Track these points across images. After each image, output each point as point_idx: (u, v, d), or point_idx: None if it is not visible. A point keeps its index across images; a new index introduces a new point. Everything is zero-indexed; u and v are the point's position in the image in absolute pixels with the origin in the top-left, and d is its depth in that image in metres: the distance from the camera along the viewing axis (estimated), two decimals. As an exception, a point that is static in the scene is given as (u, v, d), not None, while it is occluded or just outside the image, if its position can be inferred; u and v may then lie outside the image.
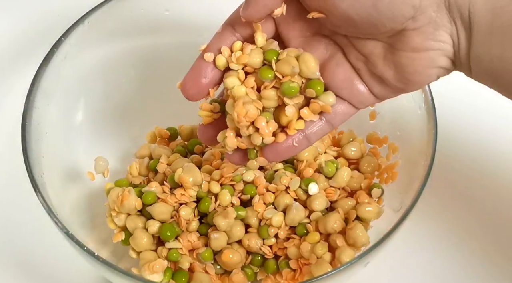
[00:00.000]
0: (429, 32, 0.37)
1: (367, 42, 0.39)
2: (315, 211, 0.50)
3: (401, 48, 0.37)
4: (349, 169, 0.51)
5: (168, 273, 0.47)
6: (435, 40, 0.37)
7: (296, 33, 0.41)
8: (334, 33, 0.40)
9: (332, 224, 0.48)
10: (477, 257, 0.55)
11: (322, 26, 0.40)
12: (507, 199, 0.58)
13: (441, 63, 0.38)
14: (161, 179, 0.52)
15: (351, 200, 0.51)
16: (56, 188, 0.48)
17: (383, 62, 0.39)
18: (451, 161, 0.59)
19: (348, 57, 0.40)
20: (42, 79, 0.49)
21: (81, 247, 0.42)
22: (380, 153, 0.53)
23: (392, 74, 0.39)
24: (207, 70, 0.41)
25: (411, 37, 0.37)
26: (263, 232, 0.49)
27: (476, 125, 0.62)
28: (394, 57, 0.38)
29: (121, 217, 0.50)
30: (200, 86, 0.41)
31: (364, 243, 0.47)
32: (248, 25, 0.40)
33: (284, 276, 0.49)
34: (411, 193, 0.45)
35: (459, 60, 0.38)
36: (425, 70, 0.38)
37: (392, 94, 0.41)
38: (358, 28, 0.37)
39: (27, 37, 0.69)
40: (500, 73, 0.36)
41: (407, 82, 0.39)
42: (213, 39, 0.41)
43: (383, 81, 0.39)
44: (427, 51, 0.37)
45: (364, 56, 0.39)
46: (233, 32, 0.41)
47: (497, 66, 0.36)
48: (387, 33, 0.37)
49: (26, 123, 0.46)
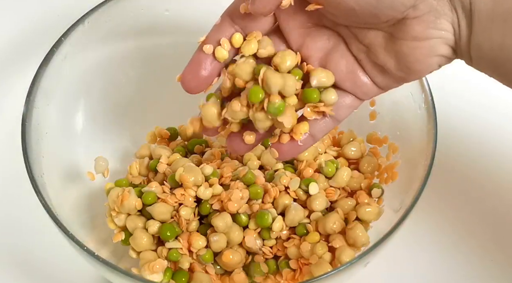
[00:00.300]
0: (430, 21, 0.36)
1: (368, 32, 0.39)
2: (315, 211, 0.50)
3: (402, 37, 0.37)
4: (349, 169, 0.51)
5: (168, 273, 0.47)
6: (436, 28, 0.37)
7: (296, 24, 0.40)
8: (335, 23, 0.40)
9: (331, 225, 0.48)
10: (477, 257, 0.55)
11: (323, 17, 0.40)
12: (508, 199, 0.58)
13: (442, 52, 0.38)
14: (161, 179, 0.52)
15: (351, 200, 0.50)
16: (56, 188, 0.48)
17: (384, 52, 0.39)
18: (451, 161, 0.59)
19: (350, 48, 0.40)
20: (42, 79, 0.49)
21: (81, 247, 0.42)
22: (380, 153, 0.53)
23: (394, 63, 0.39)
24: (206, 62, 0.41)
25: (411, 25, 0.37)
26: (264, 234, 0.49)
27: (476, 124, 0.62)
28: (395, 46, 0.38)
29: (121, 217, 0.50)
30: (200, 78, 0.41)
31: (364, 243, 0.47)
32: (247, 16, 0.40)
33: (284, 276, 0.49)
34: (411, 192, 0.45)
35: (460, 48, 0.37)
36: (426, 59, 0.38)
37: (395, 84, 0.41)
38: (358, 17, 0.37)
39: (27, 37, 0.69)
40: (500, 62, 0.36)
41: (408, 71, 0.39)
42: (212, 31, 0.41)
43: (385, 71, 0.39)
44: (428, 39, 0.37)
45: (365, 46, 0.39)
46: (232, 23, 0.40)
47: (497, 54, 0.36)
48: (388, 22, 0.37)
49: (26, 124, 0.46)
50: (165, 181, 0.51)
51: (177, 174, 0.49)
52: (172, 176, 0.50)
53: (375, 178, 0.53)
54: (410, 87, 0.48)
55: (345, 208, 0.50)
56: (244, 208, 0.49)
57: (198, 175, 0.49)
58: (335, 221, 0.48)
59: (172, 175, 0.50)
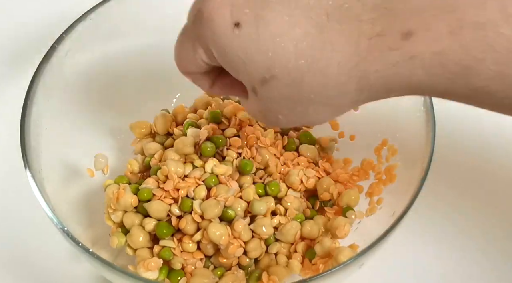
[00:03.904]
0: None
1: None
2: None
3: None
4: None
5: (163, 271, 0.47)
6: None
7: None
8: None
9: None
10: (478, 257, 0.55)
11: None
12: (507, 199, 0.58)
13: None
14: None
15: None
16: (54, 184, 0.48)
17: None
18: (450, 164, 0.59)
19: None
20: (43, 75, 0.49)
21: (76, 243, 0.42)
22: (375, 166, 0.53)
23: None
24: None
25: None
26: None
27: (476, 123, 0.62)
28: None
29: (118, 214, 0.50)
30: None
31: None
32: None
33: None
34: (408, 194, 0.45)
35: None
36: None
37: None
38: None
39: (29, 33, 0.69)
40: None
41: None
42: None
43: None
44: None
45: None
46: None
47: None
48: None
49: (25, 119, 0.46)
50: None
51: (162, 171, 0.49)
52: (155, 168, 0.50)
53: (374, 179, 0.53)
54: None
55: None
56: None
57: (180, 166, 0.49)
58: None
59: (155, 168, 0.51)
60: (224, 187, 0.49)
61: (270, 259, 0.49)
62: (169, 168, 0.48)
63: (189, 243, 0.48)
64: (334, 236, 0.49)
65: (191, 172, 0.50)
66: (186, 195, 0.48)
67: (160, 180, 0.49)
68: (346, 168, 0.55)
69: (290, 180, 0.51)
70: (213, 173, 0.50)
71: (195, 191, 0.48)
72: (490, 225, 0.57)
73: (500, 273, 0.54)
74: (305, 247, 0.50)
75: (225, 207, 0.48)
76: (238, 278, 0.48)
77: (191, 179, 0.49)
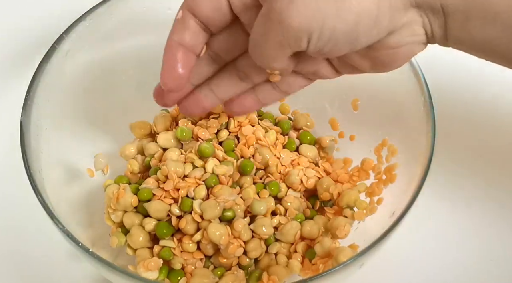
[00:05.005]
0: (404, 33, 0.38)
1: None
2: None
3: (378, 48, 0.39)
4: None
5: (163, 271, 0.47)
6: (410, 36, 0.39)
7: None
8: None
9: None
10: (478, 256, 0.55)
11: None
12: (507, 199, 0.58)
13: (417, 51, 0.40)
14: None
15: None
16: (54, 184, 0.48)
17: (360, 58, 0.41)
18: (450, 164, 0.59)
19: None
20: (43, 75, 0.49)
21: (76, 243, 0.42)
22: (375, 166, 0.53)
23: (368, 65, 0.41)
24: (178, 61, 0.42)
25: (387, 39, 0.39)
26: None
27: (476, 123, 0.62)
28: (371, 54, 0.40)
29: (118, 213, 0.50)
30: (178, 76, 0.43)
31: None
32: (205, 6, 0.41)
33: None
34: (408, 194, 0.45)
35: (435, 41, 0.40)
36: (402, 59, 0.40)
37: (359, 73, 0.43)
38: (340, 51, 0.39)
39: (29, 33, 0.69)
40: (481, 48, 0.38)
41: (383, 69, 0.41)
42: (175, 26, 0.42)
43: (356, 68, 0.42)
44: (403, 46, 0.39)
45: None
46: (193, 17, 0.42)
47: (478, 44, 0.38)
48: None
49: (25, 119, 0.46)
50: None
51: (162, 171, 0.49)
52: (154, 169, 0.50)
53: (374, 179, 0.53)
54: (410, 87, 0.48)
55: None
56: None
57: (180, 166, 0.49)
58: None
59: (154, 168, 0.51)
60: (228, 189, 0.49)
61: (270, 259, 0.49)
62: (169, 168, 0.48)
63: (189, 243, 0.48)
64: (334, 236, 0.49)
65: (191, 172, 0.50)
66: (186, 195, 0.48)
67: (160, 180, 0.49)
68: (346, 168, 0.55)
69: (290, 180, 0.51)
70: (214, 173, 0.50)
71: (195, 191, 0.48)
72: (490, 225, 0.57)
73: (500, 273, 0.54)
74: (305, 247, 0.50)
75: (225, 209, 0.48)
76: (238, 278, 0.48)
77: (191, 179, 0.49)
